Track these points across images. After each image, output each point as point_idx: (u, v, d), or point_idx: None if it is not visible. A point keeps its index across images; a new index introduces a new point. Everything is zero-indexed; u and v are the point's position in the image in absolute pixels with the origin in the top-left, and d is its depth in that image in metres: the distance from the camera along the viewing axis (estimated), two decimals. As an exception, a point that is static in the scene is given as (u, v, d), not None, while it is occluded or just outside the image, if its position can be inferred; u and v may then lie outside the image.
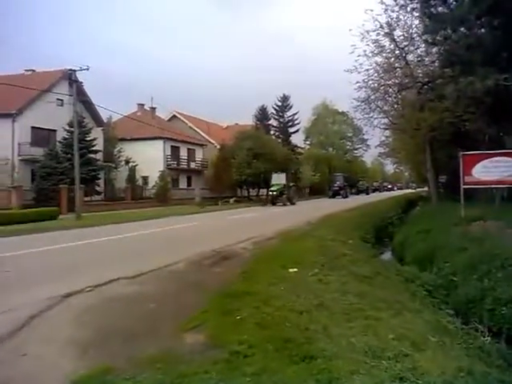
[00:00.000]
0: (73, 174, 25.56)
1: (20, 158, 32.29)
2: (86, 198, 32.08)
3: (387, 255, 17.47)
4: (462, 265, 10.35)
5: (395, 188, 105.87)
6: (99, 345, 4.68)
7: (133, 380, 3.76)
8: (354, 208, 29.79)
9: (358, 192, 68.52)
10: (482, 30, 18.05)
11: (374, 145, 47.50)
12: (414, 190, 79.63)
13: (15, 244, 13.25)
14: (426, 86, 24.75)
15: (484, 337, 6.77)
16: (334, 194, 54.13)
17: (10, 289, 7.07)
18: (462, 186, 16.69)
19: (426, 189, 47.99)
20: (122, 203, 35.31)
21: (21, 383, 3.85)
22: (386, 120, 31.18)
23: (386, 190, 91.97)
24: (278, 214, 26.95)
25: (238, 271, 8.21)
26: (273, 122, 64.32)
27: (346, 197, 53.10)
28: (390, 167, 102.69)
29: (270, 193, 39.06)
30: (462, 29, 18.00)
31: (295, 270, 8.44)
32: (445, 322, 6.93)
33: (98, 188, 36.34)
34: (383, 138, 37.90)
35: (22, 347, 4.55)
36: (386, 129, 33.53)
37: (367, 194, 68.09)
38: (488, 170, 16.11)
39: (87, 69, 25.14)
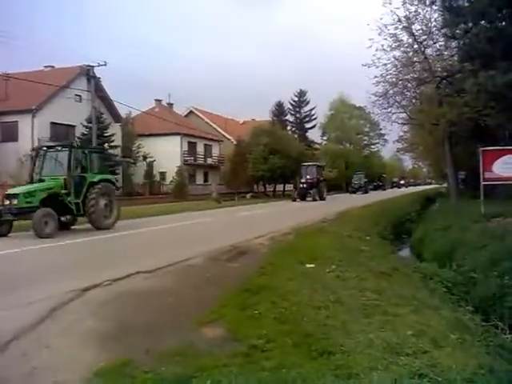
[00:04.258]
0: (91, 170, 25.79)
1: (40, 153, 32.70)
2: (104, 193, 32.31)
3: (405, 252, 17.37)
4: (482, 262, 10.26)
5: (405, 183, 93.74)
6: (119, 338, 4.72)
7: (152, 373, 3.78)
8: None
9: (354, 190, 53.53)
10: (503, 23, 17.71)
11: (392, 140, 46.62)
12: (431, 186, 76.91)
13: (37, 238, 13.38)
14: (444, 81, 24.46)
15: (505, 334, 6.70)
16: (303, 194, 36.14)
17: (31, 283, 7.15)
18: (482, 183, 16.46)
19: (444, 185, 47.27)
20: (139, 198, 35.66)
21: (44, 374, 3.90)
22: (404, 115, 31.01)
23: (396, 187, 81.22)
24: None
25: (256, 266, 8.21)
26: (289, 117, 64.21)
27: (321, 198, 36.04)
28: (408, 163, 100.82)
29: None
30: (483, 22, 17.69)
31: (312, 265, 8.43)
32: (464, 319, 6.86)
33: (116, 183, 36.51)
34: (401, 133, 37.55)
35: (44, 339, 4.61)
36: (405, 124, 33.25)
37: (366, 192, 52.86)
38: (508, 166, 15.87)
39: (105, 64, 25.45)
